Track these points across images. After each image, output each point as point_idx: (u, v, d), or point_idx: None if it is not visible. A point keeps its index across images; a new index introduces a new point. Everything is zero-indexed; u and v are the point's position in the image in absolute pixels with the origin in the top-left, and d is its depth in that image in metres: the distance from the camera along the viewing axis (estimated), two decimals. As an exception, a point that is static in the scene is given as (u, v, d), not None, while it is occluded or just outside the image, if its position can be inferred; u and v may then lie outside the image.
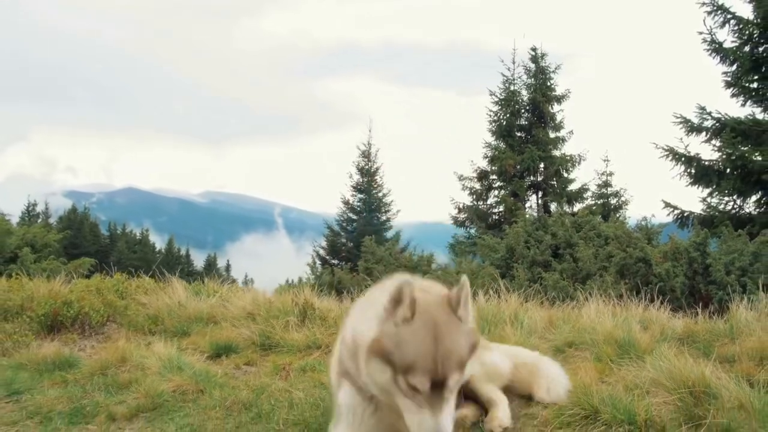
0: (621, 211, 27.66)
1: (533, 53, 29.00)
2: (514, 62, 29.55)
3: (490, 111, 29.27)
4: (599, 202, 28.09)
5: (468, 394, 3.92)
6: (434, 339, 2.60)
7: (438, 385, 2.55)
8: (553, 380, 4.11)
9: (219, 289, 7.87)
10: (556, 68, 29.10)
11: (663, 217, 17.16)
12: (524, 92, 29.16)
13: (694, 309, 6.79)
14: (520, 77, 29.47)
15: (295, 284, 16.77)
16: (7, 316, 6.64)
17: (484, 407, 3.87)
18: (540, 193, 29.10)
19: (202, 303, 7.07)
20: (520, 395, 4.17)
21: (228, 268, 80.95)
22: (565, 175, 28.65)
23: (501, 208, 28.19)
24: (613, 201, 28.40)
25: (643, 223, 13.47)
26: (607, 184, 29.01)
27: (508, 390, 4.11)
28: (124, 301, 7.28)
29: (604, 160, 29.12)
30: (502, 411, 3.76)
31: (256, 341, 5.65)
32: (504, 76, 29.43)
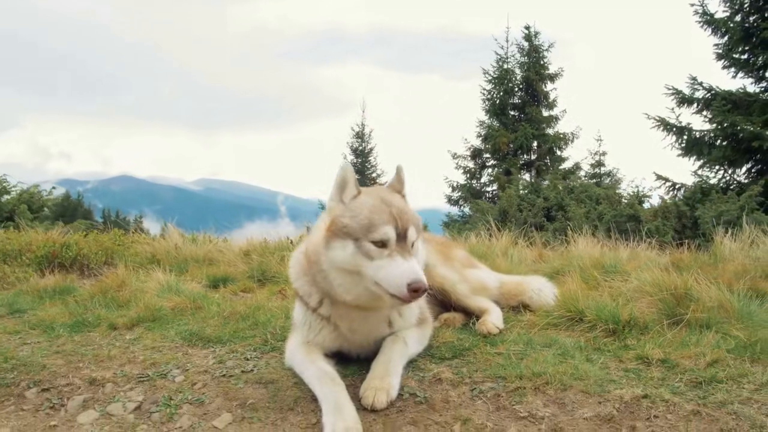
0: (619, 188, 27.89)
1: (526, 32, 29.03)
2: (507, 41, 29.60)
3: (484, 89, 29.31)
4: (593, 181, 28.27)
5: (457, 307, 4.07)
6: (383, 202, 2.88)
7: (401, 237, 2.79)
8: (540, 289, 4.28)
9: (215, 240, 7.98)
10: (549, 47, 29.16)
11: (655, 197, 17.29)
12: (518, 71, 29.19)
13: (680, 248, 6.92)
14: (513, 56, 29.52)
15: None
16: (7, 259, 6.74)
17: (477, 317, 4.01)
18: (533, 172, 29.23)
19: (199, 248, 7.20)
20: (510, 306, 4.31)
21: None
22: (558, 153, 28.77)
23: (494, 186, 28.31)
24: (606, 180, 28.55)
25: (634, 187, 13.62)
26: (600, 164, 29.16)
27: (499, 303, 4.26)
28: (121, 247, 7.40)
29: (597, 140, 29.28)
30: (493, 316, 3.91)
31: (253, 275, 5.78)
32: (497, 54, 29.47)
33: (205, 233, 8.53)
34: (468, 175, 29.38)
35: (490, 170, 29.21)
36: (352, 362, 3.29)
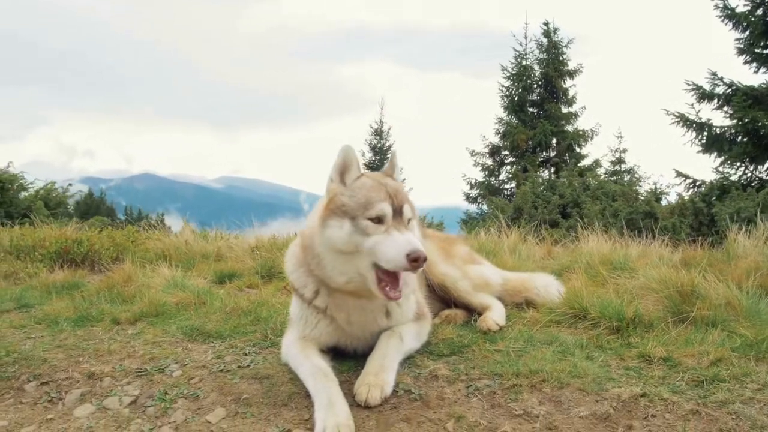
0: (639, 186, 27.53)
1: (545, 28, 28.82)
2: (526, 37, 29.38)
3: (502, 86, 29.14)
4: (612, 179, 27.97)
5: (459, 304, 4.03)
6: (381, 184, 2.92)
7: (397, 213, 2.82)
8: (546, 286, 4.22)
9: (226, 236, 8.01)
10: (568, 43, 28.90)
11: (673, 194, 17.04)
12: (536, 67, 28.97)
13: (694, 245, 6.81)
14: (532, 52, 29.29)
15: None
16: (20, 255, 6.82)
17: (478, 313, 3.97)
18: (552, 169, 28.99)
19: (209, 245, 7.22)
20: (515, 304, 4.26)
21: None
22: (578, 150, 28.50)
23: (513, 184, 28.14)
24: (627, 178, 28.22)
25: (652, 185, 13.43)
26: (620, 161, 28.85)
27: (503, 300, 4.21)
28: (133, 243, 7.45)
29: (617, 137, 28.97)
30: (495, 312, 3.86)
31: (259, 270, 5.78)
32: (516, 51, 29.26)
33: (217, 230, 8.57)
34: (486, 173, 29.22)
35: (508, 167, 29.04)
36: (349, 358, 3.27)
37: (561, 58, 28.69)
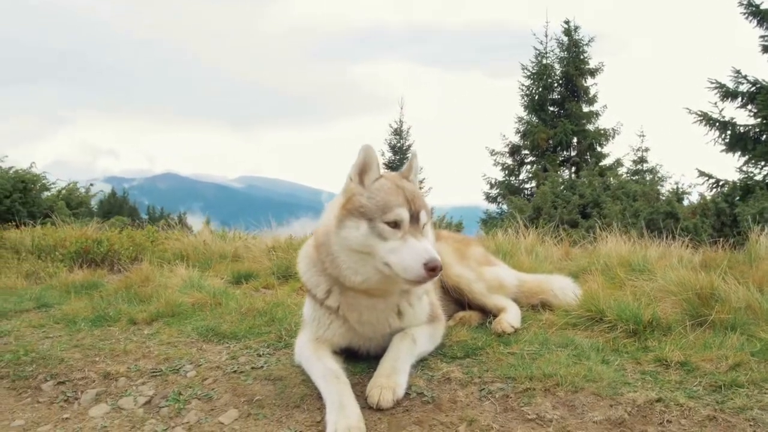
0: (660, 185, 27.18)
1: (566, 26, 28.57)
2: (546, 35, 29.15)
3: (522, 85, 28.94)
4: (634, 178, 27.64)
5: (474, 306, 4.00)
6: (399, 187, 2.91)
7: (413, 219, 2.81)
8: (562, 288, 4.18)
9: (244, 236, 8.05)
10: (589, 41, 28.61)
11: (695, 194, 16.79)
12: (557, 66, 28.72)
13: (715, 247, 6.71)
14: (552, 51, 29.05)
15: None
16: (41, 255, 6.91)
17: (493, 315, 3.94)
18: (573, 168, 28.74)
19: (227, 245, 7.27)
20: (531, 305, 4.23)
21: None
22: (599, 149, 28.22)
23: (533, 183, 27.94)
24: (649, 177, 27.88)
25: (674, 185, 13.26)
26: (642, 160, 28.55)
27: (519, 302, 4.18)
28: (152, 243, 7.51)
29: (640, 136, 28.66)
30: (510, 314, 3.83)
31: (276, 271, 5.80)
32: (536, 49, 29.05)
33: (235, 230, 8.61)
34: (506, 172, 29.06)
35: (528, 167, 28.85)
36: (362, 360, 3.26)
37: (582, 57, 28.41)
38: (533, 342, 3.50)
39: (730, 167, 17.89)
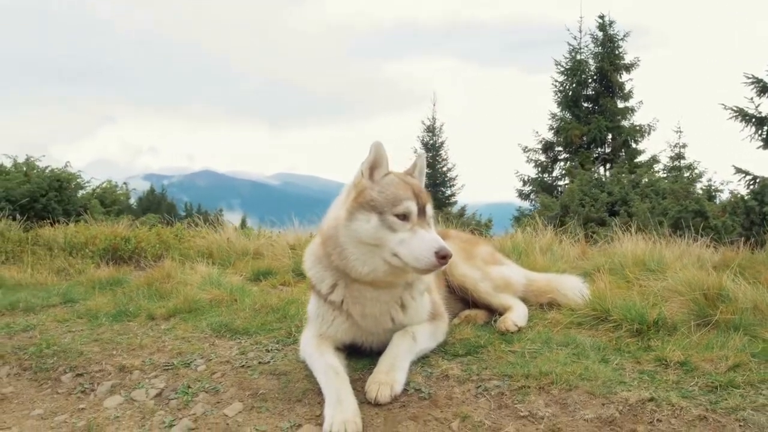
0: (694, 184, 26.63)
1: (600, 21, 28.14)
2: (580, 31, 28.76)
3: (556, 81, 28.60)
4: (671, 175, 27.11)
5: (481, 305, 4.05)
6: (407, 183, 3.06)
7: (421, 211, 2.97)
8: (572, 287, 4.20)
9: (268, 234, 8.19)
10: (624, 36, 28.13)
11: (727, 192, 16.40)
12: (591, 61, 28.32)
13: (735, 245, 6.61)
14: (587, 46, 28.65)
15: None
16: (72, 251, 7.16)
17: (499, 314, 3.98)
18: (608, 165, 28.33)
19: (250, 242, 7.42)
20: (540, 304, 4.25)
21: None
22: (634, 146, 27.76)
23: (566, 180, 27.63)
24: (686, 174, 27.33)
25: (707, 182, 13.02)
26: (679, 156, 27.98)
27: (527, 301, 4.21)
28: (179, 241, 7.71)
29: (677, 132, 28.09)
30: (515, 313, 3.87)
31: (295, 268, 5.90)
32: (570, 45, 28.68)
33: (261, 228, 8.77)
34: (539, 169, 28.80)
35: (562, 164, 28.55)
36: (365, 356, 3.33)
37: (617, 52, 27.96)
38: (536, 340, 3.54)
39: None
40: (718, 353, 3.16)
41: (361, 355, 3.35)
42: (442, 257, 2.80)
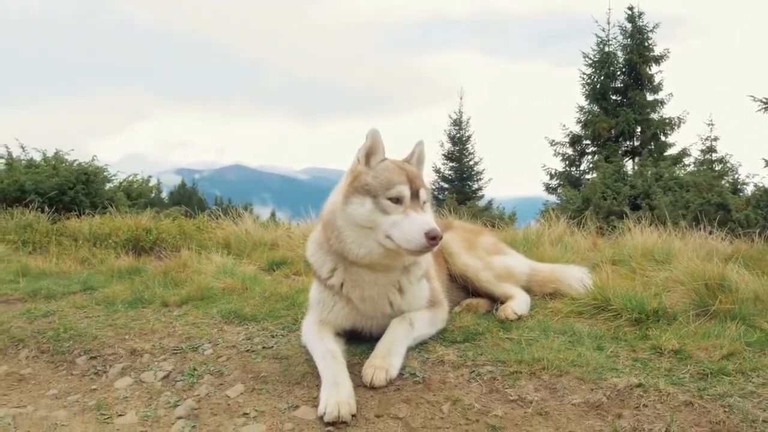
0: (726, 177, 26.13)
1: (629, 12, 27.74)
2: (608, 23, 28.36)
3: (584, 74, 28.28)
4: (702, 169, 26.64)
5: (483, 294, 4.11)
6: (401, 168, 3.15)
7: (414, 195, 3.04)
8: (576, 277, 4.23)
9: (287, 226, 8.32)
10: (654, 27, 27.68)
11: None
12: (620, 53, 27.93)
13: (750, 238, 6.52)
14: (615, 38, 28.25)
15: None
16: (97, 242, 7.38)
17: (502, 302, 4.03)
18: (636, 159, 27.95)
19: (268, 233, 7.55)
20: (545, 294, 4.29)
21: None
22: (663, 139, 27.34)
23: (594, 174, 27.33)
24: (718, 167, 26.84)
25: (734, 176, 12.82)
26: (711, 150, 27.47)
27: (531, 291, 4.25)
28: (199, 232, 7.88)
29: (708, 124, 27.57)
30: (516, 302, 3.92)
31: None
32: (598, 37, 28.33)
33: (282, 220, 8.90)
34: (566, 163, 28.55)
35: (589, 157, 28.25)
36: (365, 342, 3.41)
37: (646, 44, 27.55)
38: (534, 328, 3.59)
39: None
40: (713, 342, 3.18)
41: (361, 341, 3.44)
42: (432, 238, 2.88)
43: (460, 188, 35.95)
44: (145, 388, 3.19)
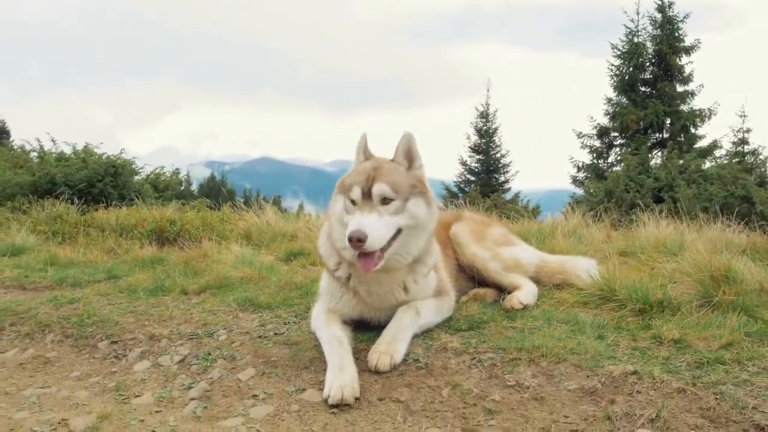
0: (757, 170, 25.64)
1: (659, 2, 27.29)
2: (638, 13, 27.96)
3: (612, 65, 27.96)
4: (734, 161, 26.18)
5: (490, 284, 4.19)
6: (372, 168, 3.18)
7: (365, 195, 3.06)
8: (584, 268, 4.28)
9: (306, 217, 8.47)
10: (684, 17, 27.21)
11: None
12: (649, 44, 27.54)
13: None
14: (644, 29, 27.85)
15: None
16: (123, 233, 7.61)
17: (509, 292, 4.10)
18: (665, 151, 27.57)
19: (288, 225, 7.71)
20: (554, 285, 4.35)
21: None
22: (693, 131, 26.91)
23: (621, 166, 27.04)
24: (750, 160, 26.35)
25: (762, 168, 12.63)
26: (743, 141, 26.97)
27: (540, 282, 4.32)
28: (222, 223, 8.07)
29: (740, 116, 27.06)
30: (523, 292, 3.98)
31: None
32: (627, 28, 27.95)
33: (303, 212, 9.05)
34: (594, 155, 28.29)
35: (617, 149, 27.95)
36: (373, 330, 3.52)
37: (676, 34, 27.12)
38: (538, 318, 3.66)
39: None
40: (713, 332, 3.22)
41: (369, 329, 3.55)
42: (349, 239, 2.90)
43: (486, 181, 35.83)
44: (161, 371, 3.35)
